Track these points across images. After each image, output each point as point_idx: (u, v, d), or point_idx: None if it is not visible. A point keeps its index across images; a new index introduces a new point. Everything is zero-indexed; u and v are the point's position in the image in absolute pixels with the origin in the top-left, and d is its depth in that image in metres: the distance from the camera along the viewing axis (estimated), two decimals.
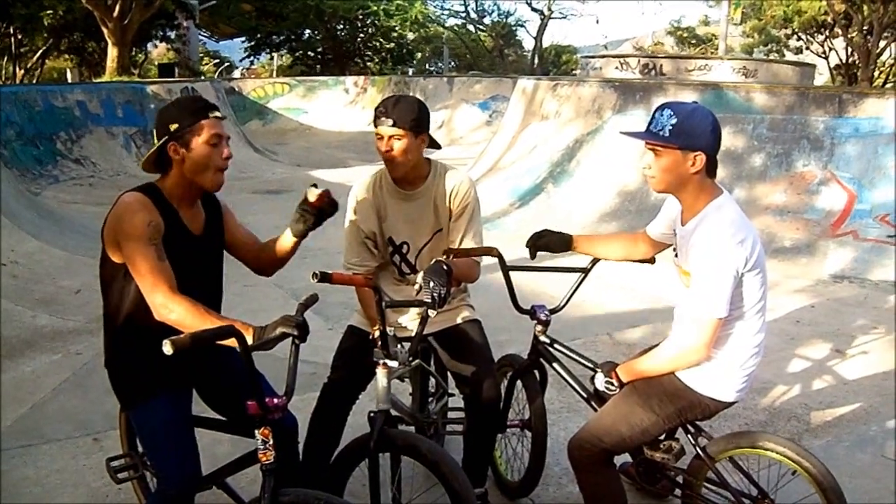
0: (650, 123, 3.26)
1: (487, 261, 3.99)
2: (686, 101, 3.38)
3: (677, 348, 3.32)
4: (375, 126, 3.76)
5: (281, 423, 3.06)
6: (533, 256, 4.06)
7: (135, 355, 3.26)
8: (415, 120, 3.76)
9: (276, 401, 2.93)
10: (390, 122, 3.71)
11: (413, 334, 3.74)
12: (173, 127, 3.20)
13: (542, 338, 4.08)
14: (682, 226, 3.40)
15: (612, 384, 3.54)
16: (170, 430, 3.26)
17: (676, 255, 3.51)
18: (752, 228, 3.26)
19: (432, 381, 4.41)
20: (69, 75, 34.75)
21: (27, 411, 5.59)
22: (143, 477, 3.89)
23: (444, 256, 3.73)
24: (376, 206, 3.95)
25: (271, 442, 2.93)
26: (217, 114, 3.30)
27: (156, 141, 3.26)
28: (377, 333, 3.42)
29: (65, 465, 4.83)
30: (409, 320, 4.00)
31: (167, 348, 2.45)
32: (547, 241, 4.02)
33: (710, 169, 3.25)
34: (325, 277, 3.18)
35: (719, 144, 3.26)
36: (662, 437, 3.65)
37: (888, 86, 37.87)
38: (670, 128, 3.17)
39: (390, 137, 3.73)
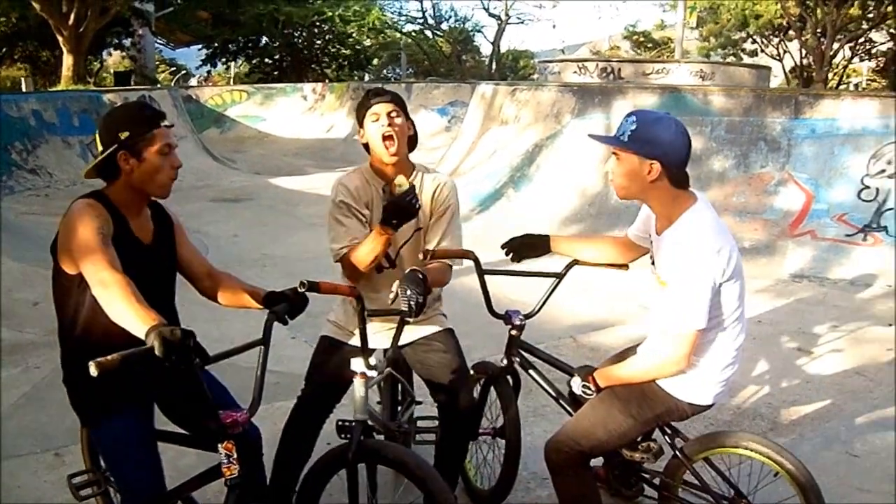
0: (618, 129, 3.26)
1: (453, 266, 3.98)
2: (657, 111, 3.37)
3: (656, 359, 3.32)
4: (367, 109, 3.75)
5: (244, 437, 3.02)
6: (518, 261, 4.06)
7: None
8: (404, 104, 3.82)
9: (235, 416, 2.90)
10: (388, 97, 3.73)
11: (382, 343, 3.77)
12: (123, 135, 3.11)
13: (517, 343, 4.08)
14: (658, 235, 3.38)
15: (590, 388, 3.53)
16: (132, 446, 3.20)
17: (653, 263, 3.50)
18: (728, 237, 3.24)
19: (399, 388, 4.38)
20: (23, 84, 34.39)
21: None
22: (107, 493, 3.78)
23: (423, 257, 3.75)
24: (366, 198, 3.88)
25: (235, 456, 2.89)
26: (166, 122, 3.24)
27: (99, 146, 3.17)
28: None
29: (26, 482, 4.76)
30: (384, 329, 3.92)
31: (93, 370, 2.38)
32: (530, 249, 4.03)
33: (677, 179, 3.23)
34: (312, 287, 3.14)
35: (686, 157, 3.23)
36: (639, 438, 3.64)
37: (842, 87, 38.34)
38: (629, 133, 3.17)
39: (389, 113, 3.72)
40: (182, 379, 2.78)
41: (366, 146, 3.88)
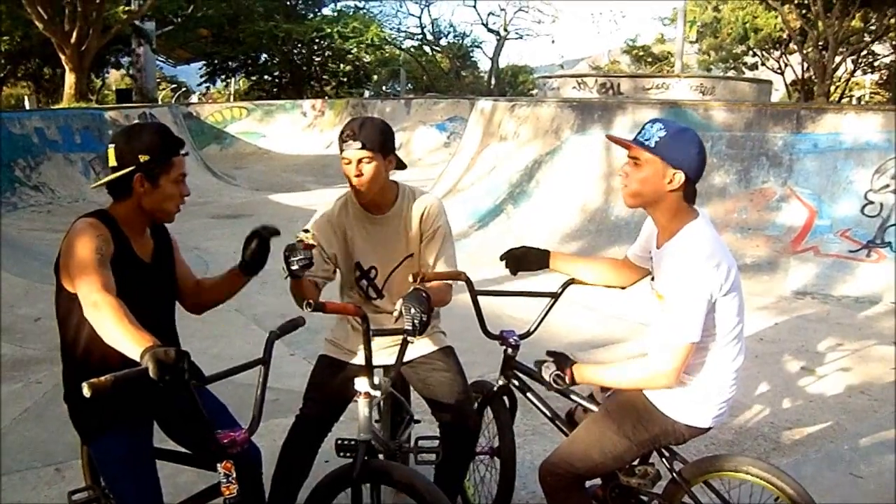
0: (638, 133, 3.21)
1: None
2: (680, 123, 3.30)
3: (646, 371, 3.23)
4: (342, 151, 3.67)
5: (244, 456, 3.01)
6: (514, 273, 4.02)
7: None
8: (382, 141, 3.69)
9: (234, 435, 2.88)
10: (358, 144, 3.62)
11: (381, 362, 3.75)
12: (144, 158, 3.11)
13: (512, 363, 4.02)
14: (658, 248, 3.32)
15: (562, 380, 3.45)
16: (130, 463, 3.19)
17: (653, 279, 3.42)
18: (727, 252, 3.18)
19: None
20: (27, 102, 34.54)
21: None
22: None
23: (413, 281, 3.67)
24: (343, 231, 3.87)
25: (234, 475, 2.88)
26: (184, 150, 3.26)
27: (114, 161, 3.16)
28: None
29: (26, 497, 4.76)
30: (382, 348, 3.88)
31: (86, 391, 2.38)
32: (528, 263, 3.98)
33: (689, 193, 3.18)
34: (318, 307, 3.14)
35: (702, 172, 3.19)
36: (636, 461, 3.57)
37: (844, 100, 38.35)
38: (657, 139, 3.11)
39: (360, 161, 3.64)
40: (179, 398, 2.78)
41: None
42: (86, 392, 2.37)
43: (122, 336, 2.67)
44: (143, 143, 3.15)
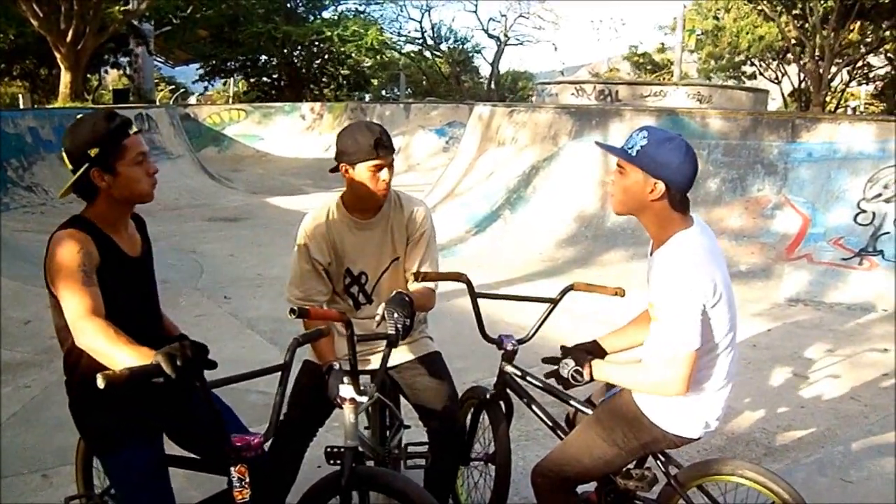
0: (626, 141, 3.19)
1: (444, 288, 3.95)
2: (669, 131, 3.27)
3: (654, 383, 3.19)
4: (371, 158, 3.61)
5: (256, 461, 2.95)
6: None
7: (102, 400, 2.94)
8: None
9: (248, 440, 2.85)
10: (392, 148, 3.66)
11: (368, 367, 3.78)
12: (93, 152, 2.98)
13: (509, 368, 4.01)
14: (651, 255, 3.30)
15: (581, 376, 3.40)
16: (145, 477, 3.13)
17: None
18: (720, 263, 3.16)
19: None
20: (21, 101, 34.40)
21: None
22: None
23: (414, 280, 3.71)
24: (330, 238, 3.84)
25: (248, 480, 2.84)
26: (134, 129, 3.10)
27: (69, 165, 3.05)
28: (337, 365, 3.38)
29: None
30: (367, 353, 3.91)
31: (100, 382, 2.32)
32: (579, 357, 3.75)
33: (677, 202, 3.14)
34: (302, 313, 3.09)
35: (690, 181, 3.15)
36: (632, 465, 3.56)
37: (840, 111, 38.44)
38: (639, 148, 3.08)
39: (390, 166, 3.66)
40: (192, 402, 2.77)
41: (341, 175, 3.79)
42: (100, 383, 2.31)
43: (123, 358, 2.61)
44: (87, 136, 3.02)
